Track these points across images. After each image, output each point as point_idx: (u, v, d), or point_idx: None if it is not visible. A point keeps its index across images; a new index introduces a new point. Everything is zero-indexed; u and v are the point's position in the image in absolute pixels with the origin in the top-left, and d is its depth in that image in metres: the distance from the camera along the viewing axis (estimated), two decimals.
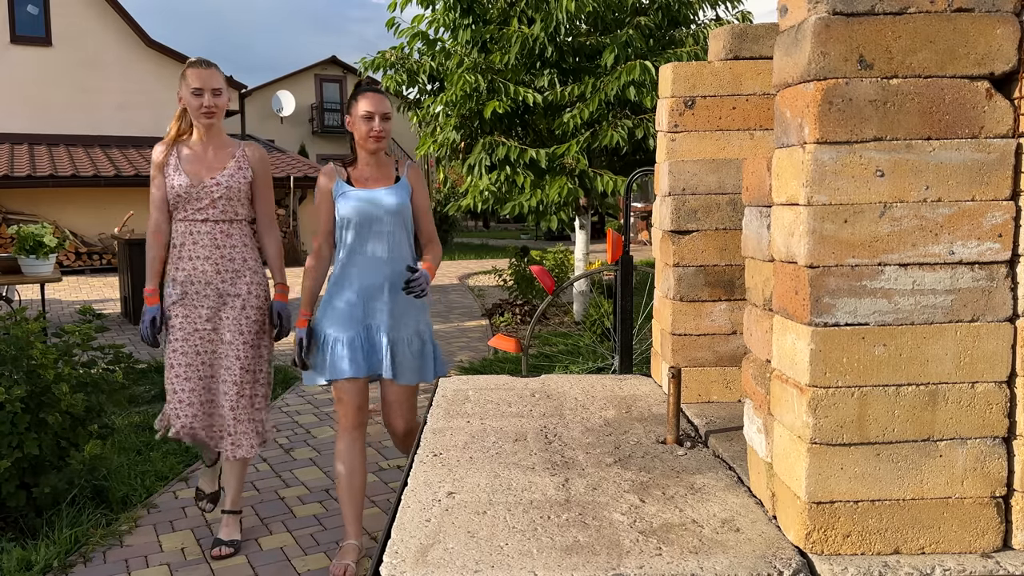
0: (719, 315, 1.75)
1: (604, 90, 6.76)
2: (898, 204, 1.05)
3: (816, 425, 1.06)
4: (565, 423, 1.66)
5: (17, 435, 3.03)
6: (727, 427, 1.57)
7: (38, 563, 2.84)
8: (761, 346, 1.28)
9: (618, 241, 3.07)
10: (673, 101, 1.84)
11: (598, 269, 5.66)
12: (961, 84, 1.04)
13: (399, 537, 1.14)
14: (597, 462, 1.43)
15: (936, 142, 1.05)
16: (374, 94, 2.77)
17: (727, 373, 1.76)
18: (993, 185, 1.05)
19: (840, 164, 1.04)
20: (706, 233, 1.72)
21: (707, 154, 1.85)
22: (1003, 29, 1.03)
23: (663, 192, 1.89)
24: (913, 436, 1.07)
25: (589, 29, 7.51)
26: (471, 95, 6.90)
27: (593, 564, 1.05)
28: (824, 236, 1.05)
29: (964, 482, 1.07)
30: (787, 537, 1.12)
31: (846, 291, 1.05)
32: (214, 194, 2.90)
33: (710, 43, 1.91)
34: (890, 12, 1.03)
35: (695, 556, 1.07)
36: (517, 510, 1.22)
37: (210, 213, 2.92)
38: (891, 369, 1.06)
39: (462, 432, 1.60)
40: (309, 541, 3.16)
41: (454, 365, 6.20)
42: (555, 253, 9.09)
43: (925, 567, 1.04)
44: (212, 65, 2.91)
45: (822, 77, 1.03)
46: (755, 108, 1.83)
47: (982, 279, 1.06)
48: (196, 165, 2.92)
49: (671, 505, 1.24)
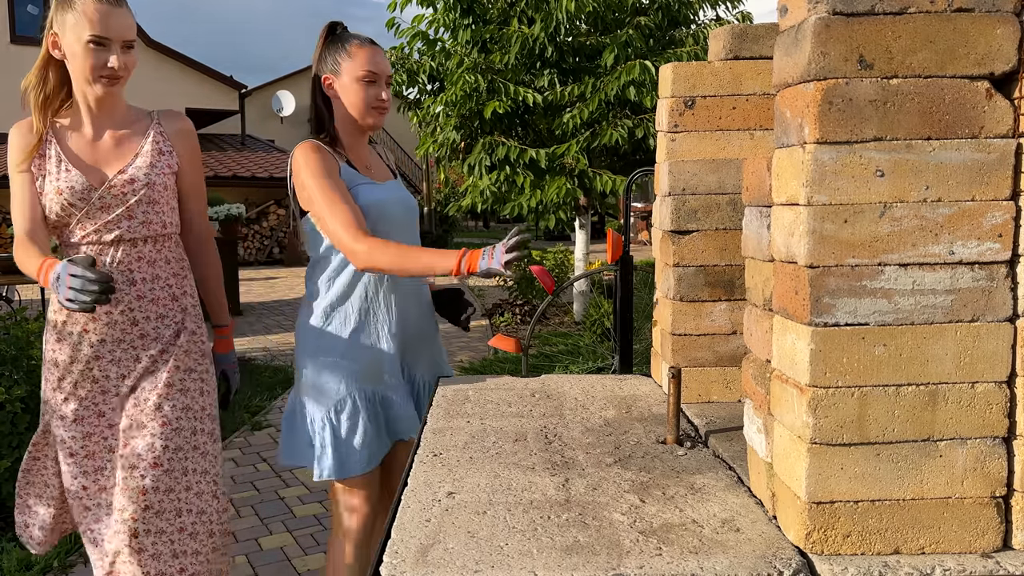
0: (719, 315, 1.75)
1: (604, 90, 6.76)
2: (898, 204, 1.05)
3: (816, 425, 1.06)
4: (565, 423, 1.66)
5: (17, 435, 3.03)
6: (727, 427, 1.57)
7: (38, 563, 2.84)
8: (761, 346, 1.28)
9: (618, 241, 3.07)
10: (673, 101, 1.84)
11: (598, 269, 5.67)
12: (961, 84, 1.04)
13: (399, 537, 1.14)
14: (597, 462, 1.43)
15: (936, 142, 1.05)
16: (375, 48, 1.98)
17: (727, 373, 1.76)
18: (993, 185, 1.05)
19: (840, 164, 1.04)
20: (706, 233, 1.72)
21: (707, 154, 1.85)
22: (1003, 29, 1.03)
23: (663, 192, 1.89)
24: (913, 436, 1.07)
25: (589, 29, 7.51)
26: (471, 95, 6.90)
27: (593, 564, 1.05)
28: (824, 236, 1.05)
29: (964, 482, 1.07)
30: (787, 537, 1.12)
31: (846, 291, 1.05)
32: (128, 197, 1.85)
33: (710, 43, 1.91)
34: (890, 12, 1.03)
35: (695, 556, 1.07)
36: (517, 510, 1.22)
37: (124, 228, 1.84)
38: (891, 369, 1.06)
39: (462, 432, 1.61)
40: (309, 541, 3.16)
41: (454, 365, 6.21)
42: (555, 253, 9.09)
43: (925, 567, 1.04)
44: (122, 2, 1.86)
45: (822, 77, 1.03)
46: (755, 108, 1.83)
47: (982, 279, 1.06)
48: (90, 154, 1.87)
49: (671, 505, 1.24)
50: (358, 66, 1.93)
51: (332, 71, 1.96)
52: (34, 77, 1.89)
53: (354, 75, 1.93)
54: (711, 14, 7.85)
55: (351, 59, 1.94)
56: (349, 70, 1.94)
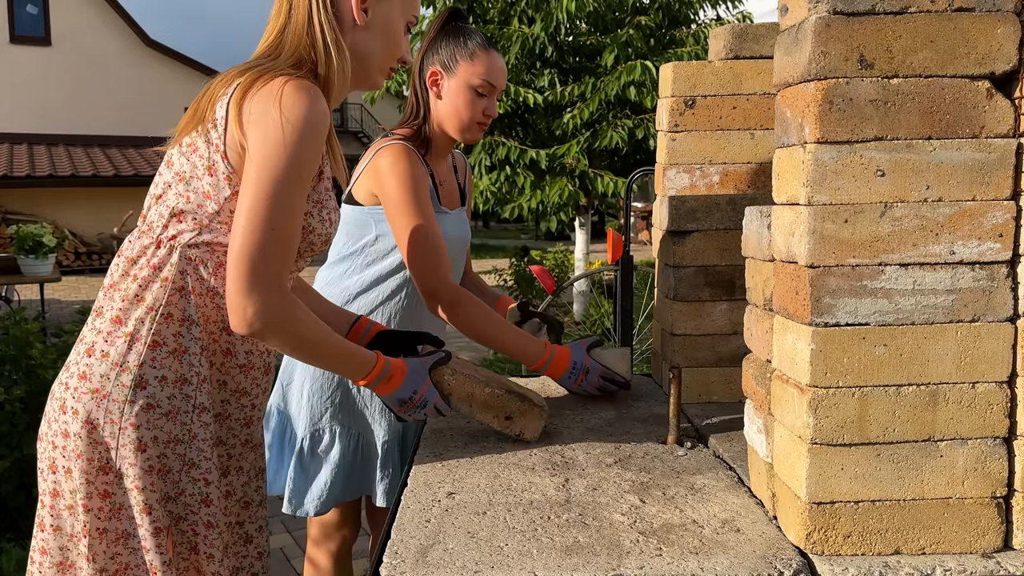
0: (719, 315, 1.74)
1: (604, 90, 6.76)
2: (899, 204, 1.05)
3: (816, 425, 1.06)
4: (565, 423, 1.66)
5: (17, 435, 3.03)
6: (727, 427, 1.57)
7: None
8: (761, 346, 1.28)
9: (618, 241, 3.07)
10: (673, 101, 1.84)
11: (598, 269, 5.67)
12: (962, 84, 1.04)
13: (399, 537, 1.14)
14: (597, 462, 1.43)
15: (937, 142, 1.04)
16: (498, 56, 1.74)
17: (727, 373, 1.76)
18: (994, 185, 1.05)
19: (841, 164, 1.04)
20: (706, 233, 1.72)
21: (707, 154, 1.85)
22: (1004, 29, 1.03)
23: (663, 192, 1.89)
24: (914, 436, 1.07)
25: (589, 29, 7.52)
26: None
27: (593, 564, 1.05)
28: (825, 236, 1.05)
29: (965, 482, 1.07)
30: (788, 537, 1.12)
31: (847, 291, 1.05)
32: None
33: (710, 42, 1.91)
34: (891, 12, 1.03)
35: (695, 556, 1.07)
36: (517, 510, 1.22)
37: None
38: (892, 369, 1.06)
39: (462, 432, 1.60)
40: None
41: None
42: (555, 253, 9.10)
43: (926, 567, 1.04)
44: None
45: (822, 77, 1.03)
46: (756, 108, 1.83)
47: (983, 279, 1.06)
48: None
49: (671, 505, 1.24)
50: (477, 73, 1.68)
51: (444, 66, 1.71)
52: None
53: (469, 81, 1.69)
54: (711, 14, 7.85)
55: (472, 62, 1.69)
56: (465, 73, 1.69)
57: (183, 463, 1.31)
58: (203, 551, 1.33)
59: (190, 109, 1.31)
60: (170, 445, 1.30)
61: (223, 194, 1.26)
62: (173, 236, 1.29)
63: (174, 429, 1.30)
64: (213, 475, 1.33)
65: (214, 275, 1.30)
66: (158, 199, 1.31)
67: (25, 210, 13.47)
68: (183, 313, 1.29)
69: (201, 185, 1.27)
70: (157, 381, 1.29)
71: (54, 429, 1.30)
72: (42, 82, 15.17)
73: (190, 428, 1.31)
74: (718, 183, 1.87)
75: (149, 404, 1.28)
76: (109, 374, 1.27)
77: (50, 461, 1.30)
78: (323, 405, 1.84)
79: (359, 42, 1.37)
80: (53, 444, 1.30)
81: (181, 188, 1.28)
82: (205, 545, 1.33)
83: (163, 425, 1.29)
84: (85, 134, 15.77)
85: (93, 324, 1.32)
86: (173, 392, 1.30)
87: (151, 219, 1.32)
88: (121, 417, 1.26)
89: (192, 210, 1.28)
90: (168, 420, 1.30)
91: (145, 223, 1.33)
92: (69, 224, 13.62)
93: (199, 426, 1.32)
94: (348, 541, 1.97)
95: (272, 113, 1.19)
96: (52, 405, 1.32)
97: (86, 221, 13.89)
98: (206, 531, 1.33)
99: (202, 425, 1.32)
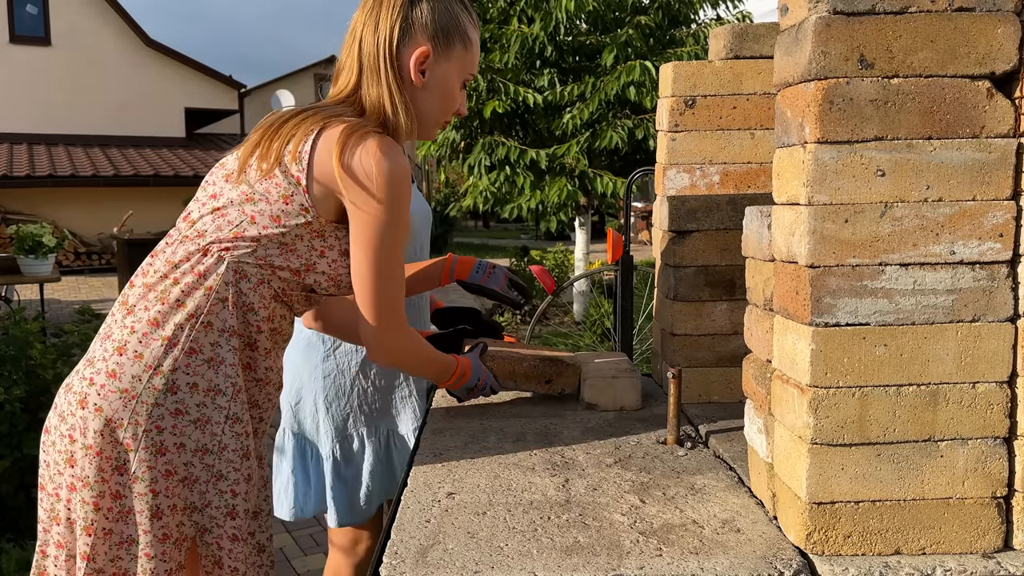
0: (719, 315, 1.74)
1: (604, 90, 6.76)
2: (899, 204, 1.05)
3: (817, 425, 1.06)
4: (565, 423, 1.66)
5: (17, 435, 3.03)
6: (727, 427, 1.57)
7: None
8: (762, 346, 1.28)
9: (618, 241, 3.07)
10: (673, 100, 1.84)
11: (598, 269, 5.66)
12: (962, 84, 1.04)
13: (398, 538, 1.13)
14: (597, 462, 1.43)
15: (937, 142, 1.04)
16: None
17: (727, 373, 1.76)
18: (994, 185, 1.05)
19: (841, 164, 1.04)
20: (706, 233, 1.72)
21: (708, 154, 1.85)
22: (1004, 29, 1.03)
23: (663, 192, 1.88)
24: (914, 436, 1.07)
25: (589, 29, 7.51)
26: (471, 95, 6.89)
27: (593, 565, 1.05)
28: (825, 236, 1.05)
29: (965, 482, 1.07)
30: (788, 538, 1.12)
31: (847, 291, 1.05)
32: None
33: (711, 42, 1.91)
34: (891, 11, 1.03)
35: (696, 557, 1.07)
36: (517, 511, 1.22)
37: None
38: (892, 369, 1.06)
39: (462, 432, 1.60)
40: (309, 542, 3.16)
41: None
42: (555, 253, 9.10)
43: (926, 567, 1.04)
44: None
45: (823, 76, 1.03)
46: (756, 107, 1.83)
47: (983, 279, 1.06)
48: None
49: (671, 506, 1.24)
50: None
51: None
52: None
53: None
54: (711, 13, 7.85)
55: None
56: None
57: (211, 474, 1.32)
58: (227, 565, 1.34)
59: (253, 140, 1.36)
60: (197, 454, 1.31)
61: (294, 221, 1.32)
62: (226, 248, 1.32)
63: (202, 438, 1.31)
64: (241, 487, 1.34)
65: (254, 290, 1.34)
66: (216, 211, 1.33)
67: (25, 210, 13.46)
68: (223, 324, 1.32)
69: (271, 209, 1.32)
70: (188, 388, 1.30)
71: (70, 423, 1.30)
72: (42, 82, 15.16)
73: (220, 439, 1.32)
74: (718, 183, 1.87)
75: (178, 409, 1.30)
76: (141, 376, 1.28)
77: (68, 455, 1.30)
78: (343, 412, 1.84)
79: (417, 100, 1.42)
80: (71, 438, 1.30)
81: (248, 208, 1.32)
82: (230, 559, 1.34)
83: (191, 433, 1.31)
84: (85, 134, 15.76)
85: (124, 321, 1.32)
86: (203, 400, 1.31)
87: (203, 227, 1.34)
88: (147, 419, 1.28)
89: (255, 229, 1.32)
90: (196, 428, 1.31)
91: (193, 229, 1.35)
92: (69, 224, 13.61)
93: (230, 437, 1.33)
94: (371, 549, 1.97)
95: (375, 175, 1.29)
96: (69, 399, 1.31)
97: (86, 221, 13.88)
98: (231, 544, 1.34)
99: (234, 436, 1.33)
